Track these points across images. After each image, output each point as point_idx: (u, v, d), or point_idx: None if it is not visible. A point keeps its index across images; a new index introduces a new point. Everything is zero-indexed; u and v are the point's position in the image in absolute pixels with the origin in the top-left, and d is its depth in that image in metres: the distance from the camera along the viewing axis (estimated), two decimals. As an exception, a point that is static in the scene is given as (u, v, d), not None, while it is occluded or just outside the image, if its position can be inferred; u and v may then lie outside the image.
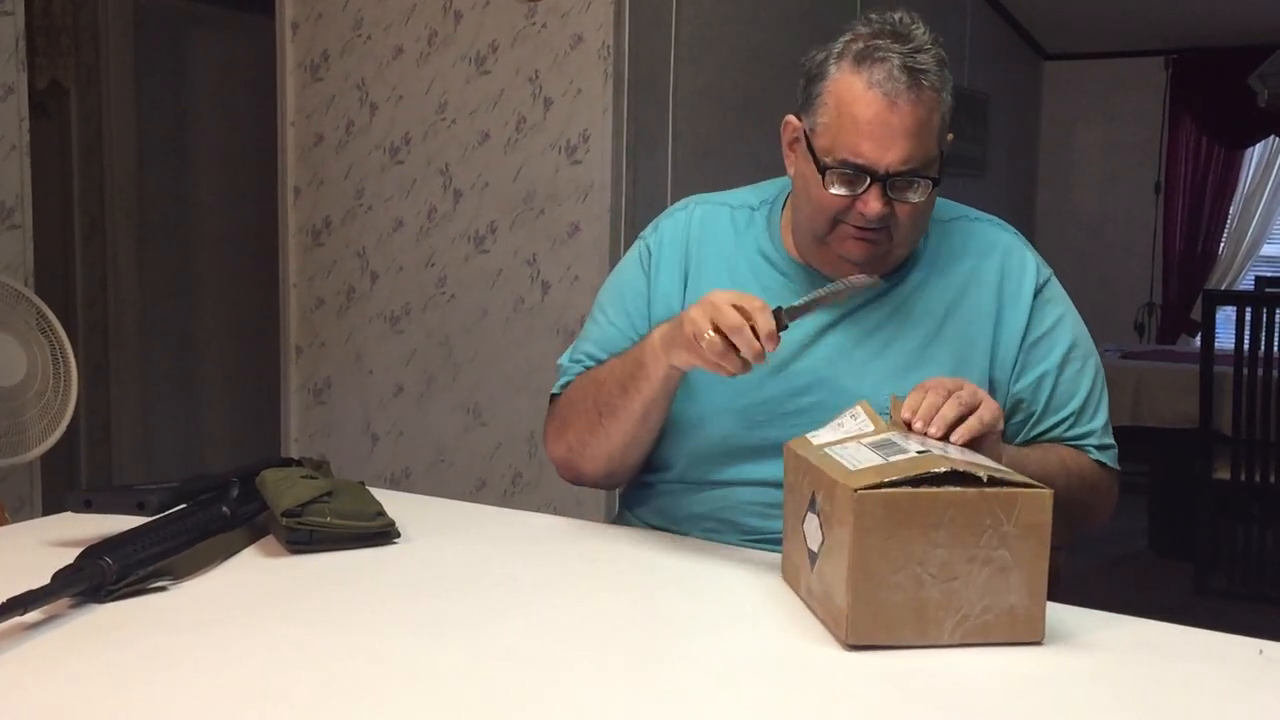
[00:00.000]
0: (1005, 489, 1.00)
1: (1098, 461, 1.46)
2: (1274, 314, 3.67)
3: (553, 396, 1.52)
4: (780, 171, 1.61)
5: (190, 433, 4.32)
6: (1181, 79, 6.13)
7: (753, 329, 1.21)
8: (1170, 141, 6.20)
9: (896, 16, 1.36)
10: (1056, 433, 1.45)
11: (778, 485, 1.22)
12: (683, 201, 1.56)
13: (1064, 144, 6.50)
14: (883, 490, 0.98)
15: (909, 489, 0.98)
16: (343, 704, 0.87)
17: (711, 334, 1.22)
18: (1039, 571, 1.01)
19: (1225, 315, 4.01)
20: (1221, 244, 6.16)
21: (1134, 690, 0.95)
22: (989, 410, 1.18)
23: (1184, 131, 6.16)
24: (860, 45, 1.33)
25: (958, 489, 0.99)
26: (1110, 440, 1.49)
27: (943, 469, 0.99)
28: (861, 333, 1.42)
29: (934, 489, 0.99)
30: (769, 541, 1.32)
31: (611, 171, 2.82)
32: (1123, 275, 6.24)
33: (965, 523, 0.99)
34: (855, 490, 0.97)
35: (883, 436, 1.12)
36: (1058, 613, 1.07)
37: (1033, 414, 1.44)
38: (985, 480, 0.99)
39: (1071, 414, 1.44)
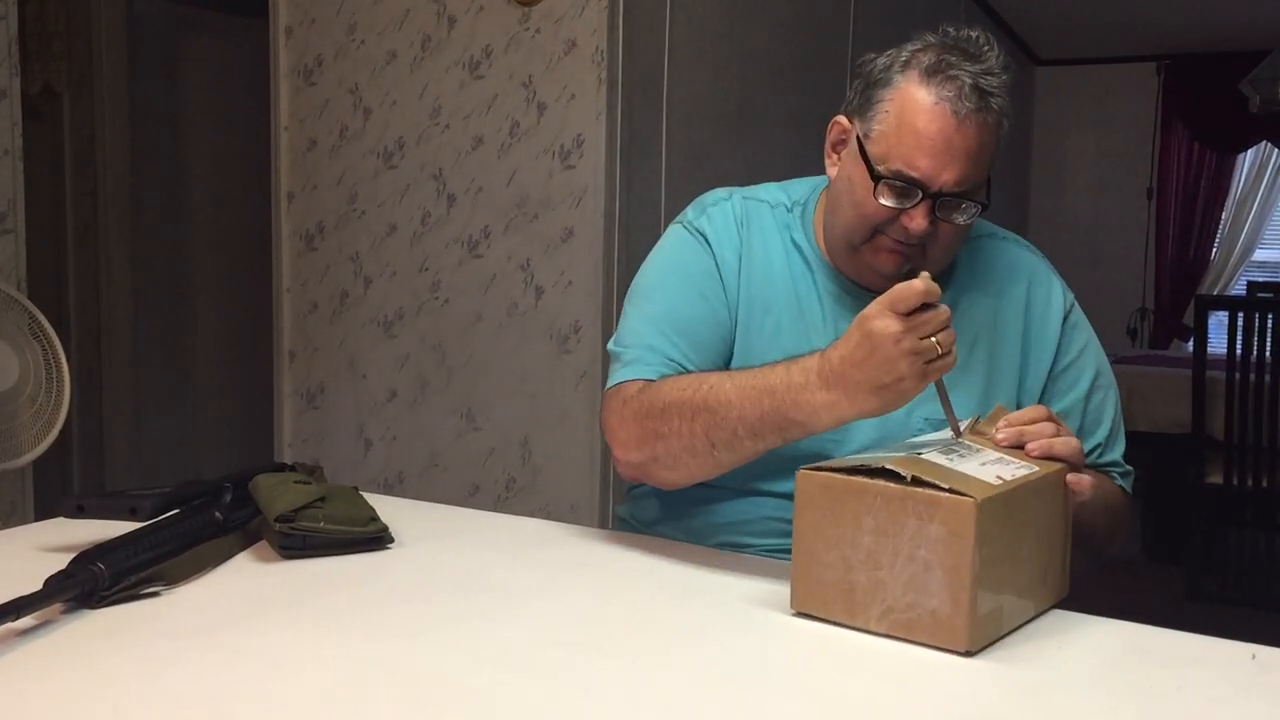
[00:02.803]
0: (928, 491, 1.01)
1: (1120, 488, 1.47)
2: (1266, 319, 3.69)
3: (616, 384, 1.38)
4: (768, 176, 1.60)
5: (183, 438, 4.31)
6: (1173, 84, 6.15)
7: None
8: (1162, 147, 6.22)
9: (973, 34, 1.32)
10: (1087, 460, 1.41)
11: None
12: (723, 191, 1.49)
13: (1056, 149, 6.51)
14: (823, 473, 1.06)
15: (844, 475, 1.05)
16: (336, 709, 0.87)
17: (947, 354, 1.15)
18: (960, 579, 1.00)
19: (1218, 320, 4.02)
20: (1214, 249, 6.18)
21: (1127, 695, 0.95)
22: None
23: (1176, 137, 6.18)
24: (931, 58, 1.28)
25: (883, 482, 1.03)
26: (1129, 466, 1.49)
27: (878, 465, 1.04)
28: None
29: (865, 479, 1.04)
30: (781, 551, 1.30)
31: (605, 176, 2.82)
32: (1115, 280, 6.25)
33: (889, 516, 1.03)
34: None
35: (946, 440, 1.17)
36: (1051, 616, 1.07)
37: None
38: (909, 480, 1.02)
39: (1100, 443, 1.44)
